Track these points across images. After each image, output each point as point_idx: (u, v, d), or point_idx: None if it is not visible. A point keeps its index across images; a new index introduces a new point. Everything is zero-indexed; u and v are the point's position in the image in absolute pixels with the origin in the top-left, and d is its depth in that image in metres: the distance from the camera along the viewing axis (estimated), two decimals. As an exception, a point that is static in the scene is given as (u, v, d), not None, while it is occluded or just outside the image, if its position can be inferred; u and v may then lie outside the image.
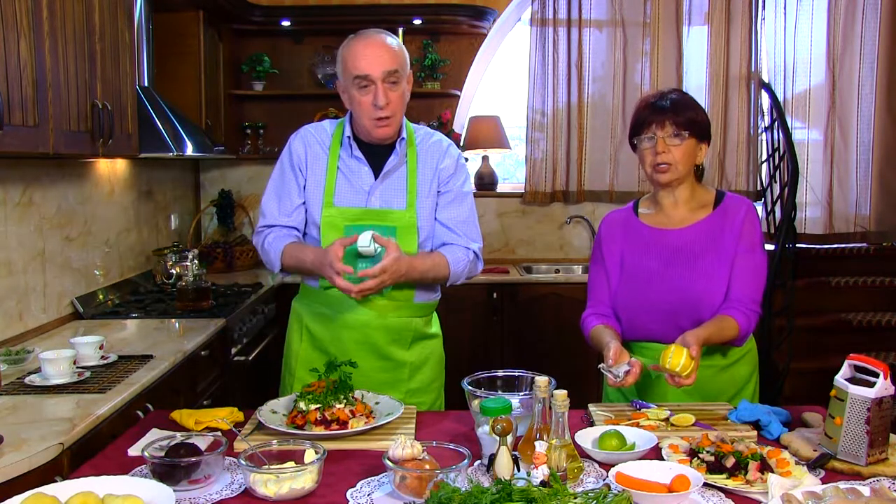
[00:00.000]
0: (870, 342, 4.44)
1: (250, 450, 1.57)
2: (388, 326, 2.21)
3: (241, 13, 4.37)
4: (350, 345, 2.19)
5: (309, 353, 2.26)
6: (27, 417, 1.93)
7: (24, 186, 2.82)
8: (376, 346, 2.21)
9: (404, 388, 2.23)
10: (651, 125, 2.08)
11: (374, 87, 2.09)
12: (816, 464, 1.63)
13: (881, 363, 1.61)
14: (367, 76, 2.09)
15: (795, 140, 4.76)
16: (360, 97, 2.12)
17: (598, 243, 2.27)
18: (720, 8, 4.75)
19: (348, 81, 2.13)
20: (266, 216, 2.26)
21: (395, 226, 2.17)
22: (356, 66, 2.10)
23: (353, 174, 2.21)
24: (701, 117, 2.11)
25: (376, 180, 2.20)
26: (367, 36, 2.14)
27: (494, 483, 1.35)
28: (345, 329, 2.20)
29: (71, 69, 2.48)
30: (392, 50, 2.12)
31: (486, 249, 4.90)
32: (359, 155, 2.21)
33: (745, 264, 2.09)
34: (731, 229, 2.10)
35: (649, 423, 1.87)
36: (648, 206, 2.23)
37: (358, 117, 2.16)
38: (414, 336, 2.26)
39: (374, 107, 2.10)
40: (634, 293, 2.14)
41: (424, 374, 2.30)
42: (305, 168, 2.22)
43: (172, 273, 3.71)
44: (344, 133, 2.22)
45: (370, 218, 2.17)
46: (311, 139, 2.25)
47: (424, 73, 4.80)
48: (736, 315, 2.04)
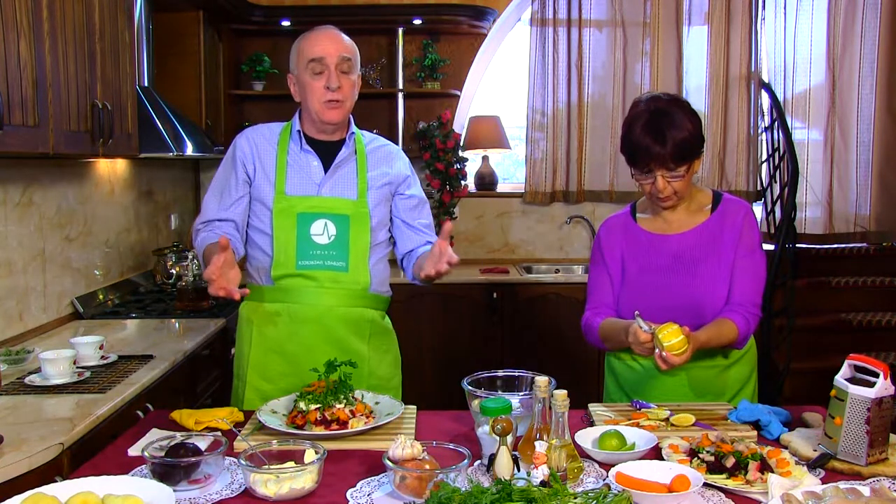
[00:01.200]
0: (870, 342, 4.44)
1: (250, 450, 1.57)
2: (346, 317, 2.19)
3: (241, 13, 4.37)
4: (309, 340, 2.17)
5: (260, 356, 2.21)
6: (27, 417, 1.93)
7: (24, 186, 2.82)
8: (336, 338, 2.18)
9: (364, 383, 2.17)
10: (649, 164, 2.03)
11: (328, 71, 2.15)
12: (816, 464, 1.63)
13: (881, 363, 1.61)
14: (321, 59, 2.14)
15: (795, 140, 4.76)
16: (312, 82, 2.16)
17: (598, 248, 2.26)
18: (720, 8, 4.75)
19: (301, 68, 2.18)
20: (203, 214, 2.25)
21: (348, 214, 2.18)
22: (311, 51, 2.15)
23: (303, 167, 2.22)
24: (697, 140, 2.04)
25: (326, 173, 2.22)
26: (322, 28, 2.23)
27: (494, 483, 1.35)
28: (302, 323, 2.18)
29: (71, 69, 2.48)
30: (346, 41, 2.21)
31: (485, 249, 4.99)
32: (308, 149, 2.23)
33: (744, 267, 2.09)
34: (730, 233, 2.10)
35: (649, 423, 1.87)
36: (646, 209, 2.21)
37: (308, 103, 2.19)
38: (371, 329, 2.25)
39: (326, 89, 2.15)
40: (637, 299, 2.13)
41: (382, 370, 2.29)
42: (252, 162, 2.22)
43: (172, 273, 3.72)
44: (293, 128, 2.24)
45: (323, 206, 2.18)
46: (258, 136, 2.26)
47: (424, 73, 4.80)
48: (736, 318, 2.04)
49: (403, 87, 4.74)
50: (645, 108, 2.06)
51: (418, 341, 4.25)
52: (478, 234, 5.03)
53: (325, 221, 2.16)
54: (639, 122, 2.04)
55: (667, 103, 2.05)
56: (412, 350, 3.27)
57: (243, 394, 2.22)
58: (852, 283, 4.76)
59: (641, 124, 2.03)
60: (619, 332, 2.05)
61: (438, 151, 4.71)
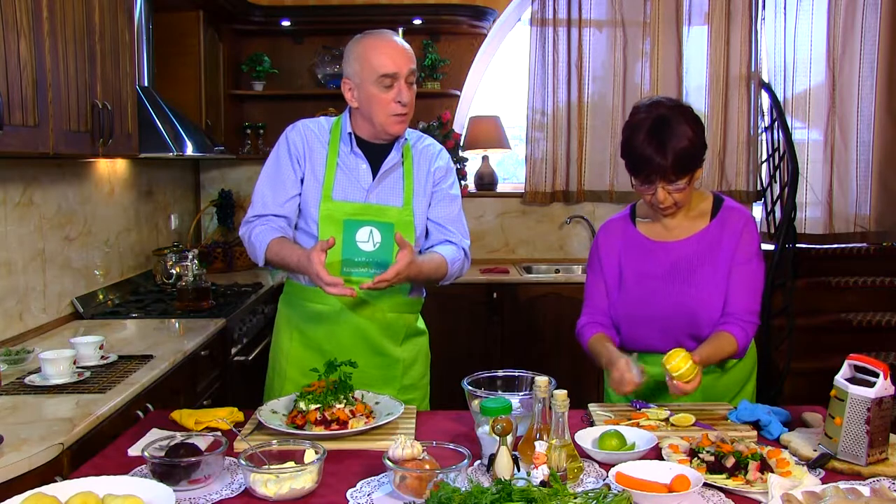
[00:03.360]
0: (870, 342, 4.44)
1: (250, 450, 1.57)
2: (383, 322, 2.21)
3: (241, 13, 4.37)
4: (345, 341, 2.19)
5: (301, 352, 2.25)
6: (27, 417, 1.93)
7: (24, 186, 2.82)
8: (371, 341, 2.21)
9: (398, 384, 2.24)
10: (651, 176, 2.00)
11: (398, 85, 2.12)
12: (816, 464, 1.63)
13: (881, 363, 1.61)
14: (394, 74, 2.11)
15: (795, 140, 4.76)
16: (381, 94, 2.13)
17: (595, 252, 2.24)
18: (720, 8, 4.75)
19: (368, 80, 2.12)
20: (256, 205, 2.22)
21: (393, 222, 2.18)
22: (383, 65, 2.11)
23: (352, 170, 2.21)
24: (699, 151, 2.01)
25: (374, 179, 2.21)
26: (386, 35, 2.18)
27: (494, 483, 1.35)
28: (339, 325, 2.20)
29: (71, 69, 2.48)
30: (410, 51, 2.18)
31: (485, 249, 4.98)
32: (358, 151, 2.21)
33: (741, 275, 2.07)
34: (729, 242, 2.08)
35: (649, 423, 1.87)
36: (646, 214, 2.19)
37: (373, 114, 2.16)
38: (406, 332, 2.27)
39: (396, 104, 2.13)
40: (634, 306, 2.12)
41: (415, 370, 2.31)
42: (303, 160, 2.21)
43: (172, 273, 3.72)
44: (343, 129, 2.22)
45: (369, 213, 2.18)
46: (309, 133, 2.24)
47: (424, 73, 4.80)
48: (733, 330, 2.03)
49: (403, 87, 4.73)
50: (646, 116, 2.01)
51: (418, 341, 4.24)
52: (478, 234, 5.03)
53: (371, 229, 2.16)
54: (640, 131, 2.00)
55: (669, 110, 2.01)
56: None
57: (281, 387, 2.25)
58: (852, 283, 4.76)
59: (643, 134, 1.99)
60: (603, 360, 2.06)
61: (438, 151, 4.70)
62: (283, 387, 2.25)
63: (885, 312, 4.65)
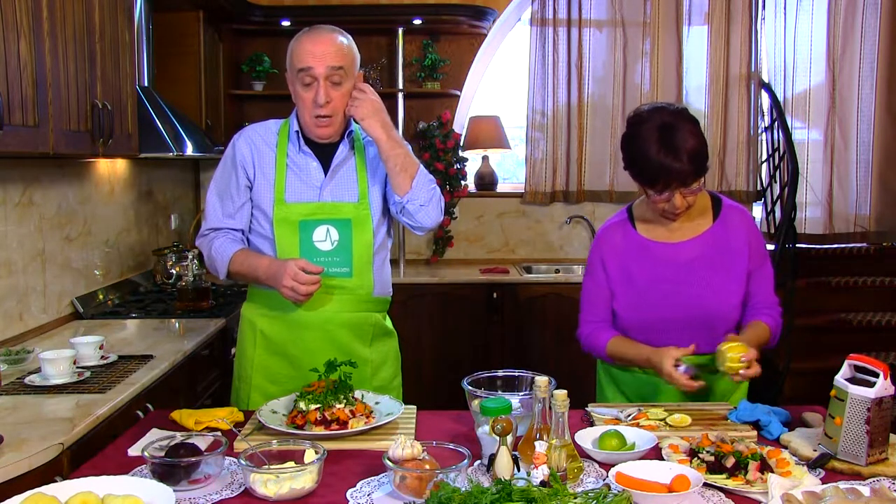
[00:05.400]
0: (870, 342, 4.44)
1: (250, 450, 1.57)
2: (350, 322, 2.18)
3: (241, 13, 4.37)
4: (312, 344, 2.15)
5: (265, 358, 2.20)
6: (27, 417, 1.93)
7: (24, 186, 2.82)
8: (339, 343, 2.16)
9: (368, 385, 2.17)
10: (671, 184, 1.96)
11: (316, 84, 2.08)
12: (816, 464, 1.63)
13: (881, 363, 1.61)
14: (310, 69, 2.07)
15: (795, 140, 4.76)
16: (301, 93, 2.10)
17: (597, 257, 2.18)
18: (720, 8, 4.75)
19: (293, 74, 2.12)
20: (210, 218, 2.21)
21: (350, 218, 2.15)
22: (301, 59, 2.08)
23: (303, 170, 2.18)
24: (706, 150, 2.00)
25: (326, 176, 2.18)
26: (317, 31, 2.14)
27: (494, 483, 1.35)
28: (305, 329, 2.16)
29: (71, 69, 2.48)
30: (340, 47, 2.10)
31: (485, 249, 4.99)
32: (307, 150, 2.18)
33: (761, 275, 2.13)
34: (737, 243, 2.09)
35: (649, 423, 1.87)
36: (645, 216, 2.15)
37: (300, 113, 2.15)
38: (374, 332, 2.24)
39: (314, 104, 2.09)
40: (647, 310, 2.10)
41: (385, 371, 2.28)
42: (252, 167, 2.18)
43: (172, 273, 3.72)
44: (291, 128, 2.20)
45: (324, 212, 2.15)
46: (256, 137, 2.21)
47: (424, 73, 4.80)
48: (765, 318, 2.10)
49: (403, 87, 4.74)
50: (653, 125, 1.97)
51: (418, 341, 4.24)
52: (478, 234, 5.03)
53: (328, 227, 2.14)
54: (651, 140, 1.96)
55: (673, 116, 1.99)
56: (412, 350, 3.27)
57: (247, 395, 2.21)
58: (852, 283, 4.76)
59: (655, 144, 1.95)
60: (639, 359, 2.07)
61: (438, 151, 4.71)
62: (250, 395, 2.20)
63: (885, 312, 4.65)
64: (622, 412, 1.94)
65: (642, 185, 2.04)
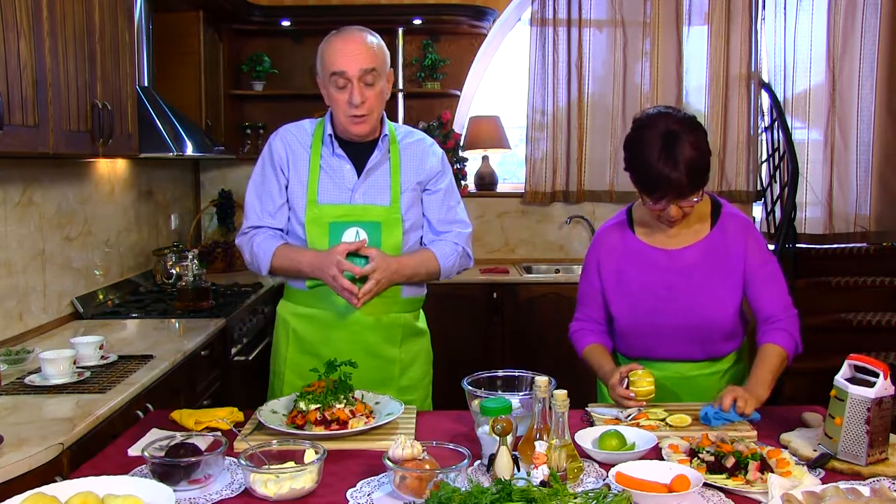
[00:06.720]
0: (870, 342, 4.44)
1: (250, 450, 1.57)
2: (379, 324, 2.20)
3: (241, 13, 4.37)
4: (341, 345, 2.17)
5: (297, 356, 2.25)
6: (27, 417, 1.93)
7: (24, 186, 2.82)
8: (368, 345, 2.19)
9: (395, 385, 2.21)
10: (667, 195, 1.94)
11: (350, 86, 2.10)
12: (816, 464, 1.63)
13: (881, 363, 1.61)
14: (343, 73, 2.09)
15: (795, 140, 4.77)
16: (336, 95, 2.12)
17: (593, 259, 2.18)
18: (720, 8, 4.75)
19: (326, 78, 2.14)
20: (250, 217, 2.25)
21: (380, 221, 2.17)
22: (333, 63, 2.10)
23: (336, 172, 2.20)
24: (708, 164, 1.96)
25: (359, 178, 2.20)
26: (346, 33, 2.15)
27: (494, 483, 1.35)
28: (335, 329, 2.19)
29: (71, 69, 2.48)
30: (370, 48, 2.12)
31: (485, 249, 4.98)
32: (340, 153, 2.20)
33: (761, 277, 2.06)
34: (735, 251, 2.06)
35: (649, 423, 1.87)
36: (643, 217, 2.13)
37: (335, 115, 2.18)
38: (404, 333, 2.25)
39: (349, 105, 2.11)
40: (642, 316, 2.09)
41: (414, 371, 2.29)
42: (287, 168, 2.21)
43: (172, 273, 3.72)
44: (325, 131, 2.22)
45: (354, 214, 2.17)
46: (292, 138, 2.24)
47: (424, 73, 4.80)
48: (777, 338, 2.03)
49: (403, 87, 4.74)
50: (657, 132, 1.94)
51: (418, 341, 4.24)
52: (478, 234, 4.99)
53: (357, 229, 2.15)
54: (652, 147, 1.93)
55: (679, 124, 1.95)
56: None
57: (280, 391, 2.25)
58: (852, 283, 4.76)
59: (657, 152, 1.92)
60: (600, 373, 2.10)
61: (438, 151, 4.71)
62: (283, 390, 2.25)
63: (885, 312, 4.65)
64: (622, 412, 1.94)
65: (639, 191, 2.03)
